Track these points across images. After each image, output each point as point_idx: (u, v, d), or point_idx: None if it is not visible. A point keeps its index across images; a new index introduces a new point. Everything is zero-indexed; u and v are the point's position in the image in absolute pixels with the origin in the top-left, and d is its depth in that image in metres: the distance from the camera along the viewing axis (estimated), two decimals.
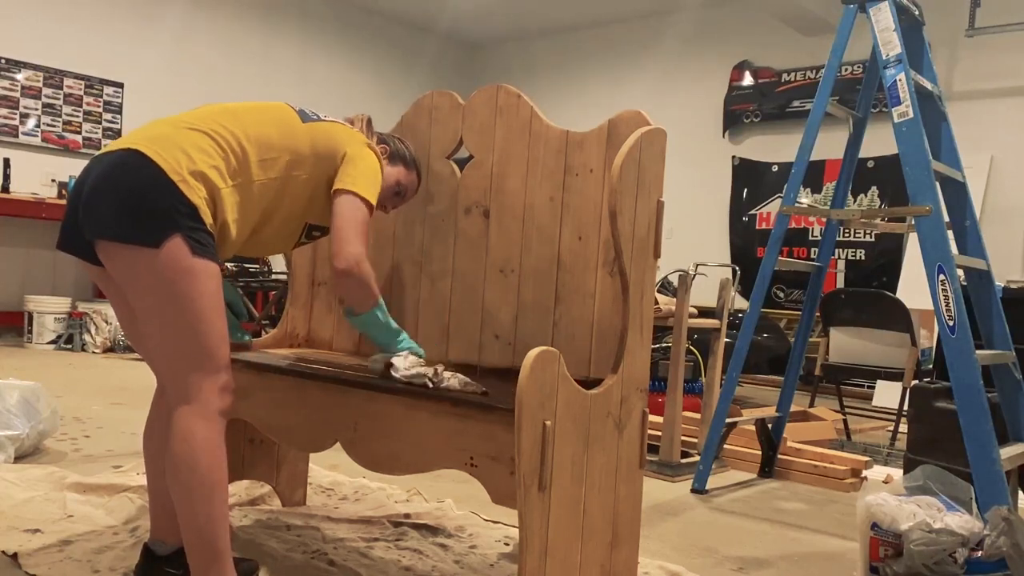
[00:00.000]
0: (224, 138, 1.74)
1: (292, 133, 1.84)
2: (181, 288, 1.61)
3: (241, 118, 1.80)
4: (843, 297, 4.68)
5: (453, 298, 2.23)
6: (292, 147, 1.83)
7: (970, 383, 2.45)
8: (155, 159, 1.62)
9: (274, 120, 1.84)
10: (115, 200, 1.62)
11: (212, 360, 1.65)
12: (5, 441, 2.80)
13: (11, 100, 6.48)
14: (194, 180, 1.65)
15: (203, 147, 1.70)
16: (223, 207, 1.70)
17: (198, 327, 1.64)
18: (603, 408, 1.77)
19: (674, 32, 8.33)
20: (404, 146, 2.11)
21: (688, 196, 7.85)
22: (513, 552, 2.25)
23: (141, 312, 1.67)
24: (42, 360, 5.52)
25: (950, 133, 3.01)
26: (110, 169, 1.65)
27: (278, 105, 1.90)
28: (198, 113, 1.79)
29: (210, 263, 1.65)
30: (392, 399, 1.83)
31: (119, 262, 1.65)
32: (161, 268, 1.60)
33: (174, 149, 1.66)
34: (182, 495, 1.63)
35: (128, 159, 1.64)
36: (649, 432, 1.98)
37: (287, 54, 8.24)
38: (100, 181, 1.65)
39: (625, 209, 1.80)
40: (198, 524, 1.62)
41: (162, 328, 1.65)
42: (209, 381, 1.65)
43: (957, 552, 1.94)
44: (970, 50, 6.62)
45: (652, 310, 1.91)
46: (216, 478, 1.64)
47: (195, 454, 1.62)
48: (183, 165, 1.64)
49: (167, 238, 1.60)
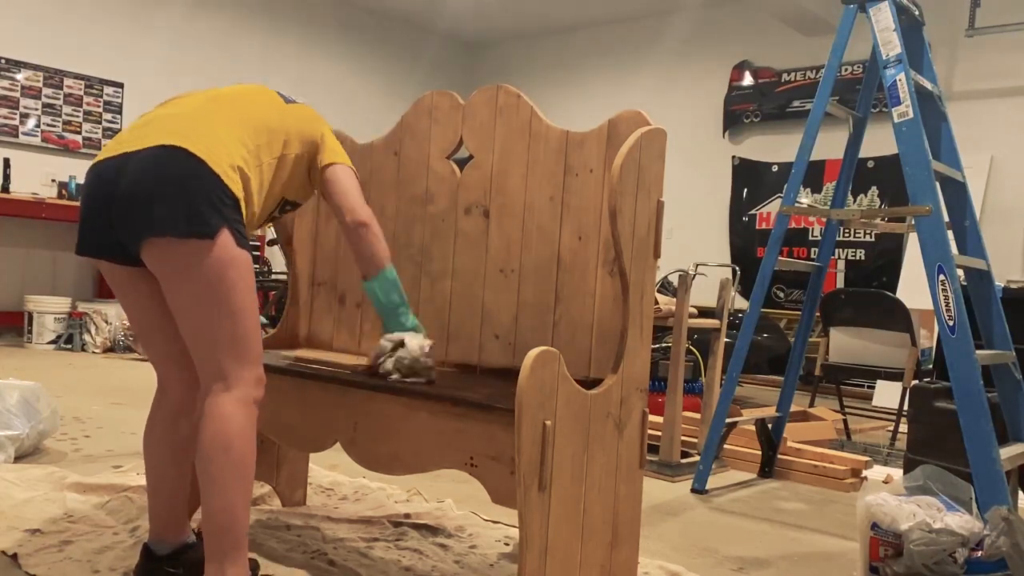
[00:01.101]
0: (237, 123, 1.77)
1: (281, 115, 1.89)
2: (230, 278, 1.65)
3: (244, 103, 1.83)
4: (843, 297, 4.68)
5: (453, 298, 2.23)
6: (284, 128, 1.87)
7: (970, 383, 2.45)
8: (198, 153, 1.64)
9: (267, 103, 1.89)
10: (164, 196, 1.62)
11: (251, 350, 1.69)
12: (5, 441, 2.80)
13: (11, 100, 6.48)
14: (233, 173, 1.69)
15: (238, 138, 1.74)
16: (252, 196, 1.76)
17: (241, 317, 1.67)
18: (603, 408, 1.77)
19: (674, 32, 8.33)
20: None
21: (688, 196, 7.85)
22: (513, 552, 2.25)
23: (184, 304, 1.67)
24: (42, 360, 5.52)
25: (950, 133, 3.01)
26: (151, 166, 1.64)
27: (262, 88, 1.94)
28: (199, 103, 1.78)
29: (248, 254, 1.71)
30: (392, 399, 1.83)
31: (171, 258, 1.64)
32: (214, 259, 1.63)
33: (213, 142, 1.68)
34: (212, 478, 1.63)
35: (170, 155, 1.64)
36: (649, 432, 1.98)
37: (287, 54, 8.24)
38: (142, 177, 1.63)
39: (625, 209, 1.80)
40: (223, 507, 1.63)
41: (208, 317, 1.66)
42: (248, 370, 1.68)
43: (957, 552, 1.94)
44: (970, 50, 6.62)
45: (652, 310, 1.91)
46: (247, 465, 1.66)
47: (231, 438, 1.63)
48: (223, 159, 1.67)
49: (219, 230, 1.63)
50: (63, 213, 6.27)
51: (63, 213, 6.27)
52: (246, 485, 1.66)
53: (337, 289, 2.46)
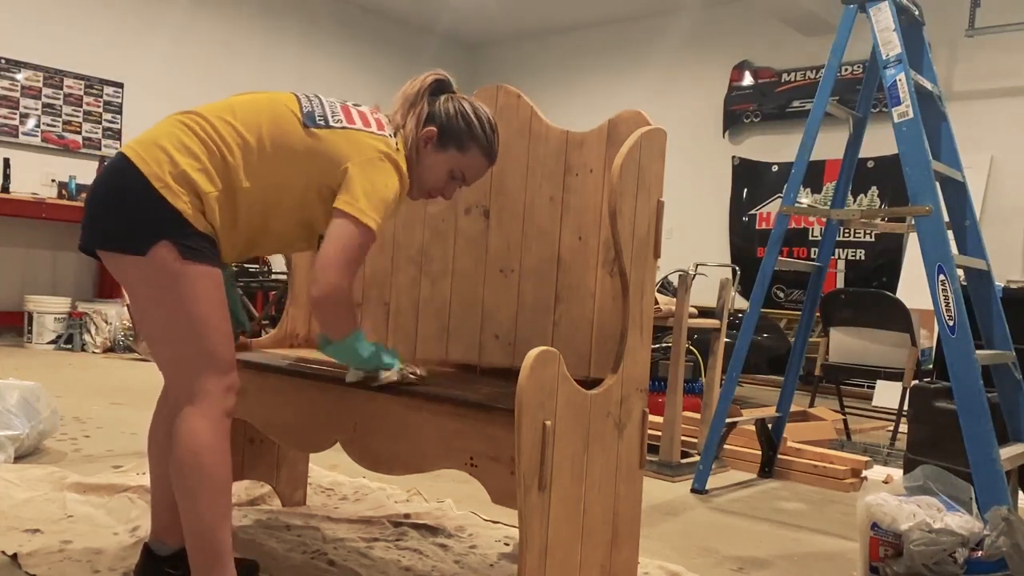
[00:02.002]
0: (215, 138, 1.66)
1: (287, 140, 1.70)
2: (176, 293, 1.61)
3: (237, 114, 1.70)
4: (843, 297, 4.68)
5: (453, 298, 2.23)
6: (287, 154, 1.70)
7: (970, 383, 2.45)
8: (138, 164, 1.61)
9: (271, 119, 1.71)
10: (104, 209, 1.64)
11: (214, 361, 1.65)
12: (5, 441, 2.80)
13: (11, 100, 6.48)
14: (177, 184, 1.61)
15: (188, 146, 1.64)
16: (212, 210, 1.64)
17: (197, 330, 1.63)
18: (603, 408, 1.77)
19: (674, 32, 8.33)
20: (461, 120, 1.85)
21: (688, 196, 7.85)
22: (513, 552, 2.25)
23: (140, 317, 1.68)
24: (42, 360, 5.52)
25: (950, 133, 3.01)
26: (104, 176, 1.67)
27: (282, 101, 1.75)
28: (199, 109, 1.73)
29: (203, 266, 1.63)
30: (392, 399, 1.83)
31: (115, 269, 1.68)
32: (152, 275, 1.61)
33: (156, 151, 1.62)
34: (186, 496, 1.63)
35: (116, 164, 1.65)
36: (649, 432, 1.98)
37: (287, 54, 8.24)
38: (96, 188, 1.67)
39: (625, 209, 1.80)
40: (201, 526, 1.62)
41: (162, 332, 1.66)
42: (212, 382, 1.64)
43: (957, 552, 1.94)
44: (970, 50, 6.62)
45: (652, 310, 1.91)
46: (220, 479, 1.64)
47: (199, 455, 1.62)
48: (165, 169, 1.61)
49: (152, 245, 1.59)
50: (63, 213, 6.27)
51: (63, 213, 6.27)
52: (222, 499, 1.64)
53: None
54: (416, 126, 1.84)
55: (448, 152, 1.84)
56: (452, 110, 1.86)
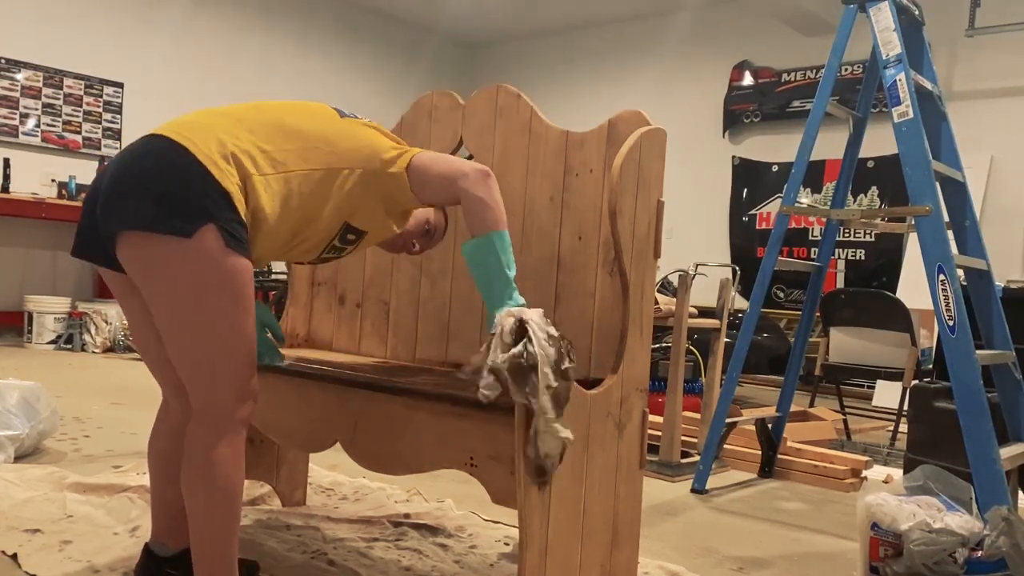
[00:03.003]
0: (257, 126, 1.62)
1: (330, 125, 1.71)
2: (211, 284, 1.49)
3: (276, 109, 1.70)
4: (843, 297, 4.68)
5: (453, 298, 2.23)
6: (330, 139, 1.68)
7: (970, 383, 2.45)
8: (182, 142, 1.51)
9: (311, 112, 1.72)
10: (141, 187, 1.48)
11: (236, 365, 1.55)
12: (5, 441, 2.80)
13: (11, 100, 6.48)
14: (226, 164, 1.51)
15: (235, 132, 1.58)
16: (257, 195, 1.56)
17: (224, 329, 1.53)
18: (603, 408, 1.77)
19: (674, 32, 8.33)
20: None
21: (688, 196, 7.85)
22: (513, 552, 2.25)
23: (162, 312, 1.53)
24: (42, 360, 5.52)
25: (950, 133, 3.01)
26: (133, 157, 1.53)
27: (316, 104, 1.79)
28: (228, 107, 1.69)
29: (243, 259, 1.52)
30: (392, 399, 1.83)
31: (144, 255, 1.50)
32: (192, 260, 1.47)
33: (204, 133, 1.54)
34: (196, 508, 1.59)
35: (153, 145, 1.53)
36: (649, 432, 1.98)
37: (287, 54, 8.24)
38: (122, 169, 1.52)
39: (625, 209, 1.80)
40: (210, 534, 1.59)
41: (185, 328, 1.52)
42: (231, 388, 1.55)
43: (957, 552, 1.94)
44: (970, 50, 6.62)
45: (652, 310, 1.91)
46: (232, 490, 1.58)
47: (213, 466, 1.55)
48: (214, 149, 1.52)
49: (200, 227, 1.46)
50: (63, 213, 6.27)
51: (63, 213, 6.27)
52: (233, 511, 1.60)
53: (337, 289, 2.46)
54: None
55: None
56: None
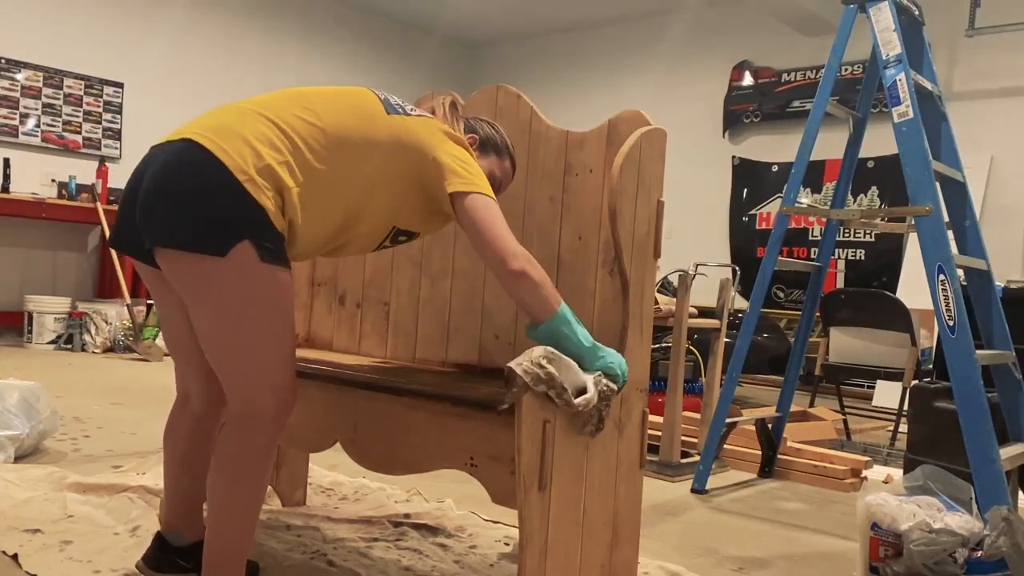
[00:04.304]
0: (295, 128, 1.57)
1: (373, 124, 1.64)
2: (248, 298, 1.51)
3: (314, 104, 1.62)
4: (843, 297, 4.68)
5: (453, 298, 2.23)
6: (373, 139, 1.63)
7: (970, 383, 2.45)
8: (218, 155, 1.48)
9: (353, 107, 1.65)
10: (175, 204, 1.49)
11: (277, 375, 1.57)
12: (5, 441, 2.80)
13: (11, 100, 6.48)
14: (261, 179, 1.50)
15: (270, 138, 1.54)
16: (293, 207, 1.55)
17: (266, 342, 1.55)
18: None
19: (674, 32, 8.33)
20: (495, 131, 1.88)
21: (688, 196, 7.85)
22: (513, 552, 2.25)
23: (202, 322, 1.55)
24: (42, 360, 5.52)
25: (950, 133, 3.01)
26: (169, 166, 1.51)
27: (359, 91, 1.71)
28: (265, 99, 1.64)
29: (280, 270, 1.54)
30: (392, 399, 1.83)
31: (181, 271, 1.52)
32: (228, 278, 1.49)
33: (238, 142, 1.51)
34: (218, 504, 1.60)
35: (188, 155, 1.50)
36: (649, 432, 1.98)
37: (287, 54, 8.24)
38: (159, 179, 1.51)
39: (625, 209, 1.80)
40: (231, 533, 1.60)
41: (224, 337, 1.54)
42: (271, 398, 1.57)
43: (957, 552, 1.94)
44: (970, 50, 6.62)
45: (652, 310, 1.91)
46: (257, 495, 1.61)
47: (243, 470, 1.58)
48: (249, 162, 1.49)
49: (234, 245, 1.47)
50: (63, 213, 6.28)
51: (63, 213, 6.28)
52: (253, 515, 1.62)
53: (337, 289, 2.46)
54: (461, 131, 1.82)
55: (489, 158, 1.86)
56: (485, 124, 1.89)
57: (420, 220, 1.75)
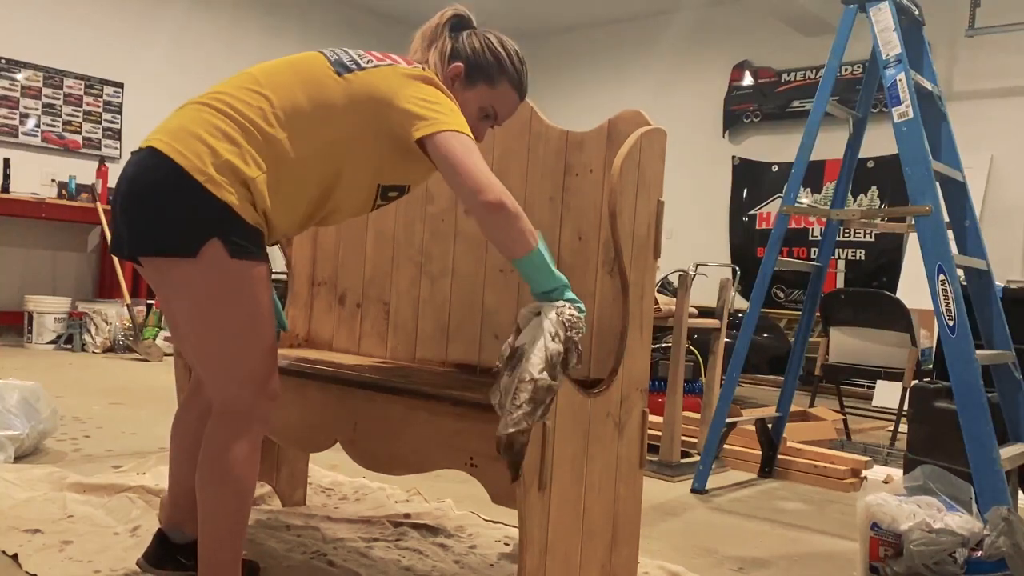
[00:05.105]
0: (243, 114, 1.55)
1: (323, 89, 1.59)
2: (223, 294, 1.53)
3: (262, 84, 1.59)
4: (843, 297, 4.68)
5: (453, 298, 2.23)
6: (327, 104, 1.58)
7: (970, 383, 2.45)
8: (175, 158, 1.49)
9: (301, 78, 1.60)
10: (142, 213, 1.52)
11: (256, 370, 1.58)
12: (5, 441, 2.80)
13: (11, 100, 6.48)
14: (220, 175, 1.49)
15: (224, 130, 1.53)
16: (261, 195, 1.54)
17: (241, 337, 1.56)
18: (603, 408, 1.77)
19: (674, 32, 8.33)
20: (488, 51, 1.72)
21: (688, 196, 7.85)
22: (513, 552, 2.25)
23: (183, 319, 1.59)
24: (42, 360, 5.52)
25: (950, 133, 3.01)
26: (135, 177, 1.54)
27: (308, 59, 1.65)
28: (220, 87, 1.62)
29: (253, 264, 1.54)
30: (392, 399, 1.83)
31: (161, 275, 1.57)
32: (201, 277, 1.51)
33: (193, 142, 1.51)
34: (207, 504, 1.61)
35: (148, 162, 1.52)
36: (649, 432, 1.98)
37: (287, 54, 8.21)
38: (126, 190, 1.55)
39: (625, 209, 1.80)
40: (220, 532, 1.61)
41: (203, 334, 1.57)
42: (250, 393, 1.58)
43: (957, 552, 1.94)
44: (970, 50, 6.62)
45: (652, 310, 1.91)
46: (244, 492, 1.61)
47: (227, 466, 1.58)
48: (206, 160, 1.49)
49: (202, 245, 1.49)
50: (63, 213, 6.28)
51: (63, 213, 6.28)
52: (244, 508, 1.62)
53: (337, 289, 2.46)
54: (441, 62, 1.72)
55: (477, 88, 1.72)
56: (478, 44, 1.73)
57: (403, 173, 1.68)
